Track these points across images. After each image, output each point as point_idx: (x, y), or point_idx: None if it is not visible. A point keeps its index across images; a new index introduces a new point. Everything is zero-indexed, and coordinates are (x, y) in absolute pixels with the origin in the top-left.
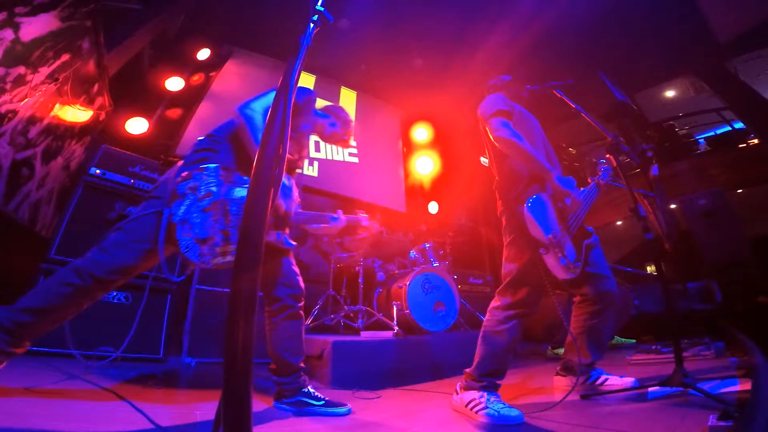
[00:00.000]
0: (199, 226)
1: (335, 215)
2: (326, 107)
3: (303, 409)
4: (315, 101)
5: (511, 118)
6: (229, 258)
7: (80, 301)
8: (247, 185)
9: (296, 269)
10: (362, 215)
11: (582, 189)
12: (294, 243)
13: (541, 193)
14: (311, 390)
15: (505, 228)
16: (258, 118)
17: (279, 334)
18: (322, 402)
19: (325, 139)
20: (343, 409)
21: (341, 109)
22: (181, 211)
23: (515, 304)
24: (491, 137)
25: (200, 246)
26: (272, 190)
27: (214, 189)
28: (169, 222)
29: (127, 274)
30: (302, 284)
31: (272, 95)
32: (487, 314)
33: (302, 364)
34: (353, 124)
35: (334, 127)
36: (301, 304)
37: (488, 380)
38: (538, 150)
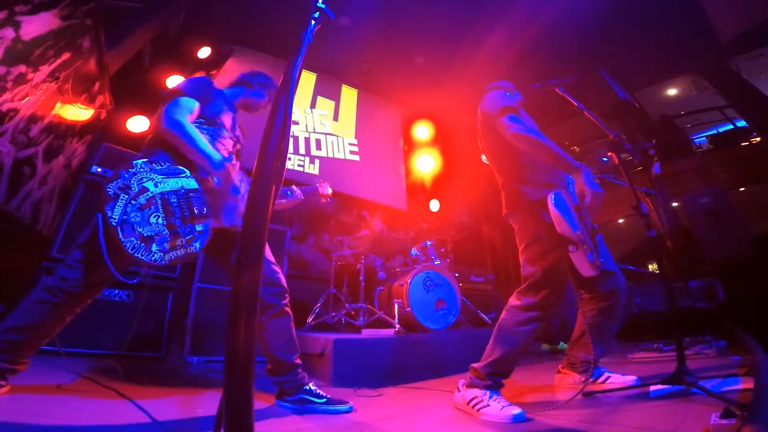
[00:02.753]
0: (140, 225)
1: (290, 190)
2: (242, 78)
3: (305, 407)
4: (208, 84)
5: (519, 113)
6: (182, 251)
7: (58, 315)
8: (183, 174)
9: (275, 267)
10: (320, 184)
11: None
12: None
13: (559, 190)
14: (313, 388)
15: (519, 231)
16: (178, 127)
17: (268, 334)
18: (324, 400)
19: (256, 111)
20: (345, 407)
21: (257, 75)
22: (116, 212)
23: (538, 305)
24: (507, 134)
25: (147, 244)
26: (273, 189)
27: (148, 184)
28: (106, 225)
29: (94, 286)
30: (283, 281)
31: (182, 99)
32: (506, 313)
33: (298, 361)
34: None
35: (261, 97)
36: (285, 301)
37: (494, 379)
38: None
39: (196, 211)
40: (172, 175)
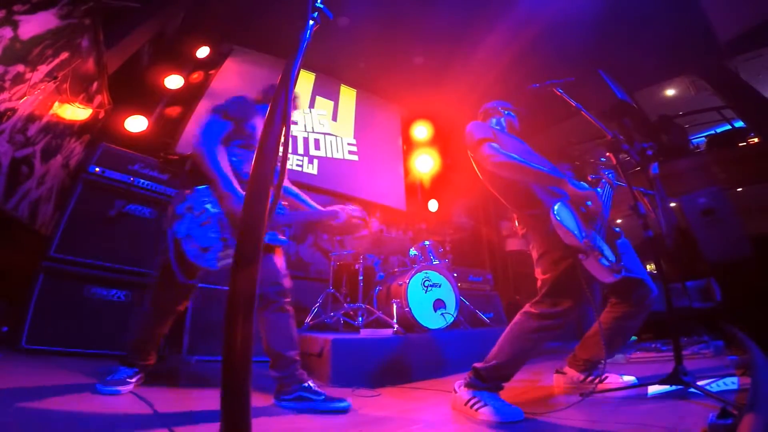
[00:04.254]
0: (200, 238)
1: (331, 211)
2: (265, 93)
3: (303, 404)
4: (248, 102)
5: (496, 139)
6: (231, 260)
7: (159, 323)
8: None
9: (281, 268)
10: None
11: (596, 190)
12: (284, 239)
13: (560, 200)
14: (311, 385)
15: (533, 244)
16: (206, 149)
17: (268, 328)
18: (323, 397)
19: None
20: (343, 404)
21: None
22: (183, 228)
23: (553, 315)
24: (490, 164)
25: (204, 253)
26: (271, 191)
27: (208, 206)
28: (174, 239)
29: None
30: (287, 282)
31: (213, 121)
32: (519, 317)
33: (297, 357)
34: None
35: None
36: (287, 300)
37: (495, 382)
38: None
39: None
40: None
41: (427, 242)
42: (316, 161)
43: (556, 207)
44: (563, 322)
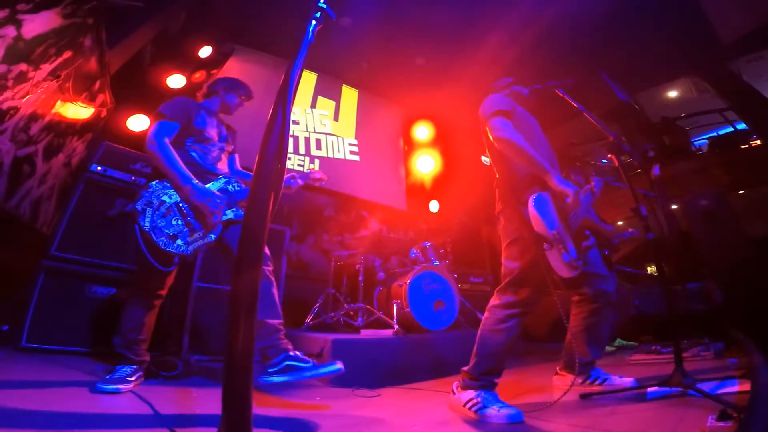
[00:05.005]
0: (166, 227)
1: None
2: (211, 88)
3: (292, 375)
4: (188, 102)
5: (511, 118)
6: (200, 242)
7: (144, 312)
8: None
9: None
10: (311, 171)
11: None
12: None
13: (543, 192)
14: (298, 354)
15: (504, 227)
16: (160, 149)
17: None
18: (310, 364)
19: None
20: (333, 367)
21: (220, 81)
22: (147, 222)
23: (516, 303)
24: (491, 137)
25: (174, 241)
26: (273, 190)
27: (164, 198)
28: (142, 233)
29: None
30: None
31: (160, 123)
32: (486, 312)
33: (280, 327)
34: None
35: (233, 99)
36: (267, 267)
37: (486, 379)
38: (539, 151)
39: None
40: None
41: (427, 243)
42: (317, 161)
43: (535, 195)
44: (529, 309)
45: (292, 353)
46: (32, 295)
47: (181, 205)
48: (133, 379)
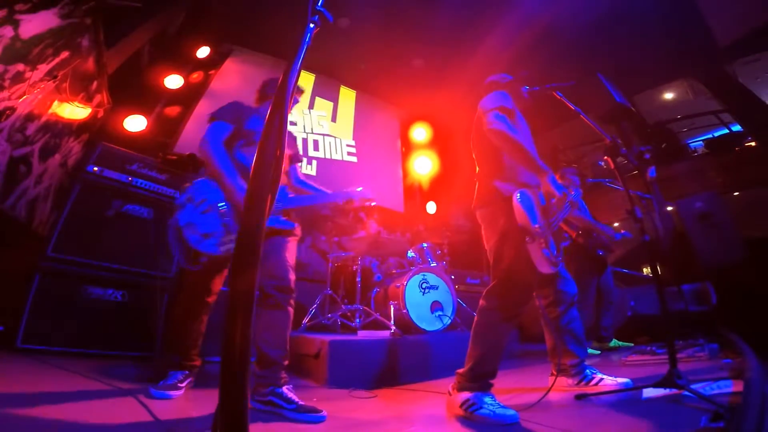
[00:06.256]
0: (201, 225)
1: (343, 194)
2: (264, 92)
3: (271, 409)
4: (241, 105)
5: (512, 116)
6: (232, 245)
7: (188, 316)
8: None
9: (289, 262)
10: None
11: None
12: (289, 222)
13: (527, 189)
14: (285, 391)
15: (488, 226)
16: (212, 148)
17: (260, 324)
18: (294, 406)
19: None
20: (315, 415)
21: (270, 84)
22: (184, 217)
23: (505, 306)
24: (486, 128)
25: (206, 239)
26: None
27: (206, 196)
28: (176, 228)
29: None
30: (291, 278)
31: (214, 125)
32: (477, 315)
33: (282, 361)
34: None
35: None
36: (288, 296)
37: (482, 381)
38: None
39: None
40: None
41: (425, 244)
42: (314, 162)
43: (520, 190)
44: (518, 311)
45: (279, 390)
46: (28, 295)
47: (221, 204)
48: (183, 384)
